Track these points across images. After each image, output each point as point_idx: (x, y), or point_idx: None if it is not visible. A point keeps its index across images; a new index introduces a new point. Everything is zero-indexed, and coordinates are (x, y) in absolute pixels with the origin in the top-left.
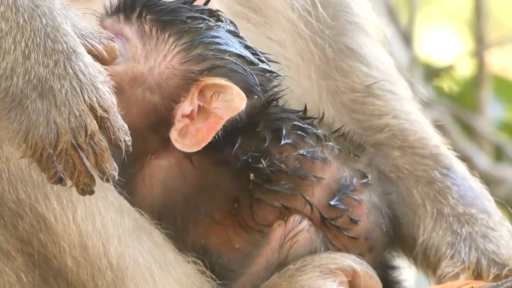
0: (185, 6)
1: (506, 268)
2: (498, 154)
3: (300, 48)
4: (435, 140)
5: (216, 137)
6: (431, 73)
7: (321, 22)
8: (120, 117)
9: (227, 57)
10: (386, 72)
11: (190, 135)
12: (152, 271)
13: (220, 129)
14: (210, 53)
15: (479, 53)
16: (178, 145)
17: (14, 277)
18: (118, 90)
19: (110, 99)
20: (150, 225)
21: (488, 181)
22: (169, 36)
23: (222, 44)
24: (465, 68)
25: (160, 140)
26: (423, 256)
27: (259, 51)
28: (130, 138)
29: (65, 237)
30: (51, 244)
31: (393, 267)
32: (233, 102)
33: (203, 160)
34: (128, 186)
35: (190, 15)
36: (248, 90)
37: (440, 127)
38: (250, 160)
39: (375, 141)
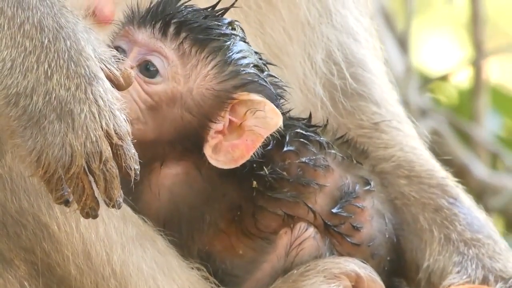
0: (214, 22)
1: None
2: (496, 163)
3: (308, 91)
4: (442, 173)
5: (254, 155)
6: (428, 82)
7: (335, 75)
8: (132, 146)
9: (252, 70)
10: (394, 113)
11: (225, 152)
12: (155, 278)
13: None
14: (241, 68)
15: (476, 62)
16: (213, 162)
17: (17, 285)
18: (154, 108)
19: (126, 127)
20: (153, 232)
21: (486, 190)
22: (207, 56)
23: (245, 57)
24: (462, 77)
25: (177, 150)
26: (427, 282)
27: (262, 54)
28: (139, 161)
29: (68, 246)
30: (55, 253)
31: (396, 273)
32: (267, 118)
33: (212, 171)
34: (133, 193)
35: (220, 32)
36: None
37: (437, 136)
38: (254, 165)
39: (381, 170)
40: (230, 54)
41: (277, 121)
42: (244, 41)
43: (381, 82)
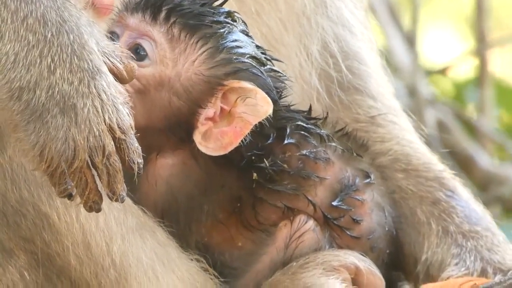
0: (208, 9)
1: (511, 271)
2: (501, 154)
3: (304, 82)
4: (439, 166)
5: (243, 142)
6: (434, 73)
7: (331, 67)
8: (135, 139)
9: (247, 60)
10: (390, 106)
11: (215, 139)
12: (155, 269)
13: (248, 134)
14: (234, 57)
15: (480, 52)
16: (202, 148)
17: (17, 275)
18: (142, 92)
19: (129, 121)
20: (153, 223)
21: (491, 180)
22: (197, 41)
23: (241, 47)
24: (467, 67)
25: (172, 140)
26: (425, 275)
27: (265, 50)
28: (141, 155)
29: (68, 236)
30: (55, 243)
31: (395, 266)
32: (258, 106)
33: (209, 161)
34: (132, 184)
35: (214, 19)
36: (267, 94)
37: (442, 127)
38: (253, 158)
39: (378, 164)
40: (223, 41)
41: (267, 109)
42: (246, 34)
43: (377, 75)
